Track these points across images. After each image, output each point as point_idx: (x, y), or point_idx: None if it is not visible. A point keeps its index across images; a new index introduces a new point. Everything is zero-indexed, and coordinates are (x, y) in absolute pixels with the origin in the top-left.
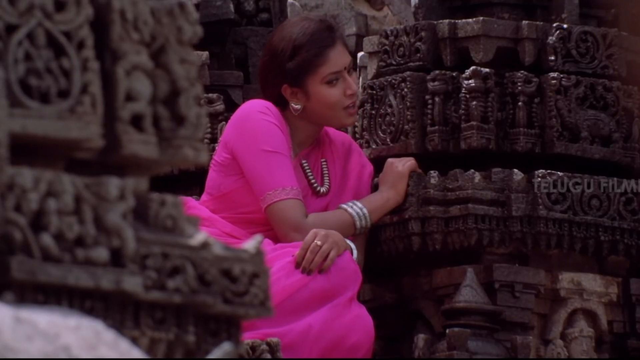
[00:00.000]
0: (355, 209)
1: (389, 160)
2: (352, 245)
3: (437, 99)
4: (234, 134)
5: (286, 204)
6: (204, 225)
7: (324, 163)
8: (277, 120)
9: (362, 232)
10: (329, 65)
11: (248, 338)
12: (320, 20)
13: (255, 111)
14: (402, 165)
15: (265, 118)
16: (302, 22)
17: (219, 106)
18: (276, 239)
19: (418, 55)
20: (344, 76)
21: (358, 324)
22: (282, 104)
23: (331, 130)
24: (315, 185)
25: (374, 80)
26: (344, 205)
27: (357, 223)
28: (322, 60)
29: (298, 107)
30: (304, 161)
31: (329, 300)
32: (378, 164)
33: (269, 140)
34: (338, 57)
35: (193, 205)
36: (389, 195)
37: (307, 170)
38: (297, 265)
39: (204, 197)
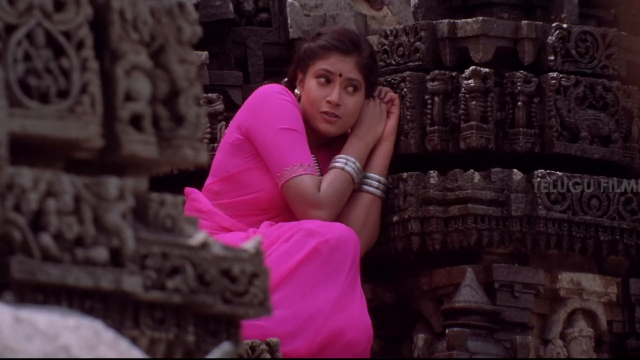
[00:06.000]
0: (351, 165)
1: (368, 102)
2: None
3: (436, 98)
4: (250, 114)
5: (303, 179)
6: (202, 218)
7: None
8: (294, 101)
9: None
10: (327, 63)
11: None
12: (353, 31)
13: (273, 92)
14: (380, 107)
15: (282, 98)
16: (343, 25)
17: (219, 106)
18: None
19: (417, 55)
20: (335, 83)
21: (356, 322)
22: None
23: None
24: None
25: None
26: (339, 164)
27: (356, 178)
28: (324, 54)
29: (298, 93)
30: (313, 156)
31: (332, 273)
32: None
33: (287, 119)
34: (340, 63)
35: (195, 196)
36: (367, 140)
37: (316, 165)
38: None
39: (208, 180)
